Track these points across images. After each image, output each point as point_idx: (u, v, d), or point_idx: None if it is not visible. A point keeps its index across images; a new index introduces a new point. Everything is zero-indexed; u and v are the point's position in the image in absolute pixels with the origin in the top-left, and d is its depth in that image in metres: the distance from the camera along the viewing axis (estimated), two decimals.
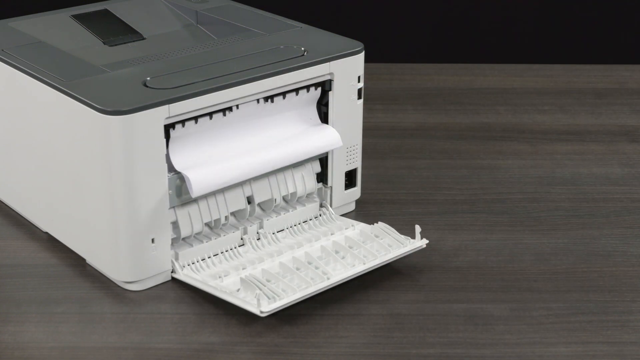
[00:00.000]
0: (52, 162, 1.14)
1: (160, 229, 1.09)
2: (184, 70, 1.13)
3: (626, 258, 1.18)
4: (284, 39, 1.24)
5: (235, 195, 1.16)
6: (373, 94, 1.62)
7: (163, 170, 1.08)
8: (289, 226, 1.20)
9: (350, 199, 1.27)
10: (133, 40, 1.30)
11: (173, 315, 1.07)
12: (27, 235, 1.22)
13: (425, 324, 1.05)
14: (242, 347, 1.02)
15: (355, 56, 1.20)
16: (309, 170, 1.22)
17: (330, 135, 1.19)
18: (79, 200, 1.11)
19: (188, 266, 1.12)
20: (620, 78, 1.74)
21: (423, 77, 1.74)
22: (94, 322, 1.06)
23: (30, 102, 1.15)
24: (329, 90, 1.20)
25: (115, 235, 1.08)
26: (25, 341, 1.03)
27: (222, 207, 1.15)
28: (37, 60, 1.16)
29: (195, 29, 1.36)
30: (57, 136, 1.12)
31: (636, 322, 1.05)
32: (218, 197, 1.14)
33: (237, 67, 1.13)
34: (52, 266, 1.16)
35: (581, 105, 1.63)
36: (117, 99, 1.05)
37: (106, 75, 1.12)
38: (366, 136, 1.29)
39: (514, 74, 1.76)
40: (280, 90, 1.15)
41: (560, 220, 1.26)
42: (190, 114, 1.08)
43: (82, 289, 1.12)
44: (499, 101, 1.63)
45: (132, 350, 1.02)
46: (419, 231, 1.14)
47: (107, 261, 1.11)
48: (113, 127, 1.03)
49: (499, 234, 1.23)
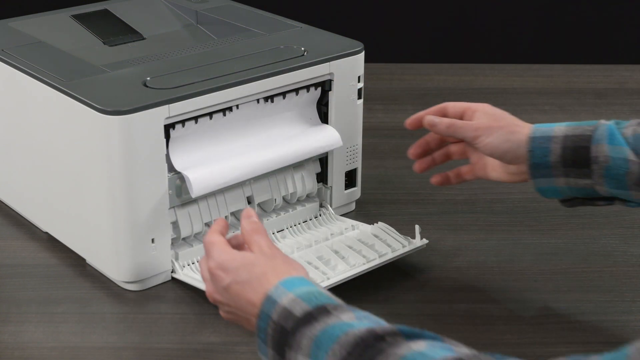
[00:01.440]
0: (52, 162, 1.14)
1: (160, 229, 1.09)
2: (184, 70, 1.13)
3: (626, 258, 1.18)
4: (284, 39, 1.24)
5: (235, 195, 1.16)
6: (373, 94, 1.62)
7: (163, 170, 1.08)
8: (289, 226, 1.20)
9: (350, 199, 1.27)
10: (133, 40, 1.30)
11: (173, 315, 1.07)
12: (27, 235, 1.22)
13: (425, 324, 1.05)
14: (242, 347, 1.02)
15: (355, 56, 1.20)
16: (309, 170, 1.22)
17: (330, 135, 1.19)
18: (79, 200, 1.11)
19: (188, 266, 1.12)
20: (620, 78, 1.74)
21: (423, 77, 1.74)
22: (94, 322, 1.06)
23: (30, 102, 1.15)
24: (329, 90, 1.20)
25: (115, 235, 1.08)
26: (25, 341, 1.03)
27: (222, 207, 1.15)
28: (37, 60, 1.16)
29: (195, 29, 1.36)
30: (57, 136, 1.11)
31: (636, 322, 1.05)
32: (218, 197, 1.14)
33: (237, 67, 1.13)
34: (52, 266, 1.16)
35: (581, 105, 1.63)
36: (117, 99, 1.05)
37: (106, 75, 1.12)
38: (366, 136, 1.29)
39: (514, 74, 1.76)
40: (280, 90, 1.15)
41: (560, 220, 1.26)
42: (190, 114, 1.08)
43: (82, 289, 1.12)
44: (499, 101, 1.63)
45: (132, 350, 1.02)
46: (419, 231, 1.14)
47: (107, 261, 1.11)
48: (113, 127, 1.03)
49: (499, 234, 1.23)
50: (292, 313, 0.79)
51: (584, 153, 1.00)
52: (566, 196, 1.05)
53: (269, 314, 0.81)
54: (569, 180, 1.01)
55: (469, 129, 1.06)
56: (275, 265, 0.87)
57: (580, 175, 1.01)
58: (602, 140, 0.99)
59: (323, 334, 0.75)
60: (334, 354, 0.74)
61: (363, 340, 0.73)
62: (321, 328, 0.76)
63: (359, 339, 0.73)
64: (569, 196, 1.04)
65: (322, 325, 0.76)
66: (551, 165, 1.01)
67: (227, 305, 0.89)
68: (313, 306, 0.78)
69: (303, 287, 0.81)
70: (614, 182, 1.00)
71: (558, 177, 1.02)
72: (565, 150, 1.01)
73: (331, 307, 0.78)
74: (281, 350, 0.79)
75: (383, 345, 0.73)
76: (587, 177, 1.00)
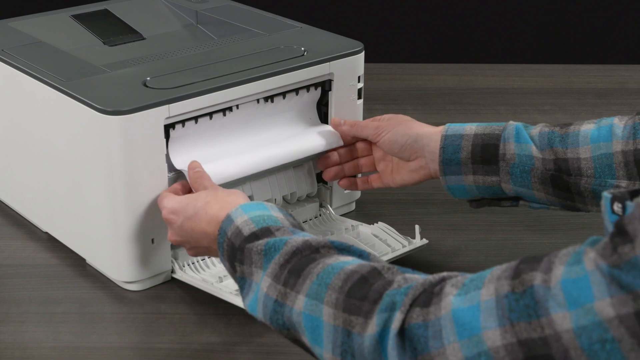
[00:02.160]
0: (52, 162, 1.14)
1: (160, 229, 1.09)
2: (184, 70, 1.13)
3: None
4: (284, 39, 1.24)
5: None
6: (373, 94, 1.62)
7: (163, 170, 1.08)
8: None
9: (350, 199, 1.27)
10: (133, 40, 1.30)
11: (173, 315, 1.07)
12: (27, 235, 1.22)
13: None
14: (242, 347, 1.02)
15: (355, 56, 1.20)
16: (309, 170, 1.22)
17: (330, 135, 1.19)
18: (79, 200, 1.11)
19: (188, 266, 1.12)
20: (620, 78, 1.74)
21: (423, 77, 1.74)
22: (94, 322, 1.06)
23: (30, 102, 1.15)
24: (329, 90, 1.20)
25: (115, 235, 1.08)
26: (25, 341, 1.03)
27: None
28: (37, 60, 1.16)
29: (195, 29, 1.36)
30: (57, 136, 1.11)
31: None
32: None
33: (237, 67, 1.13)
34: (52, 266, 1.16)
35: (581, 105, 1.63)
36: (117, 99, 1.05)
37: (106, 75, 1.12)
38: None
39: (514, 74, 1.76)
40: (280, 90, 1.15)
41: (560, 220, 1.26)
42: (190, 114, 1.08)
43: (82, 289, 1.12)
44: (499, 101, 1.63)
45: (132, 350, 1.02)
46: (419, 231, 1.14)
47: (107, 261, 1.11)
48: (113, 127, 1.03)
49: (499, 234, 1.23)
50: (241, 232, 0.89)
51: (492, 150, 1.06)
52: (474, 196, 1.10)
53: (225, 231, 0.91)
54: (477, 178, 1.07)
55: (371, 127, 1.15)
56: (217, 194, 0.99)
57: (488, 172, 1.06)
58: (510, 139, 1.05)
59: (267, 247, 0.86)
60: (276, 262, 0.84)
61: (300, 251, 0.84)
62: (263, 243, 0.86)
63: (296, 249, 0.84)
64: (477, 196, 1.10)
65: (264, 241, 0.86)
66: (461, 162, 1.07)
67: (187, 242, 1.01)
68: (259, 227, 0.89)
69: (258, 211, 0.91)
70: (520, 180, 1.05)
71: (467, 174, 1.07)
72: (474, 147, 1.07)
73: (274, 228, 0.89)
74: (232, 264, 0.89)
75: (316, 256, 0.83)
76: (495, 174, 1.06)
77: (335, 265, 0.81)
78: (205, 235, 0.97)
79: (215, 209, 0.96)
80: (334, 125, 1.18)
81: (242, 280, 0.88)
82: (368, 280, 0.78)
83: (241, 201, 0.96)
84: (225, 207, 0.95)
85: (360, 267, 0.80)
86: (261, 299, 0.84)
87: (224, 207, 0.95)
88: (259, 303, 0.85)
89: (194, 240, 0.99)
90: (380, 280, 0.77)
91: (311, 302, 0.80)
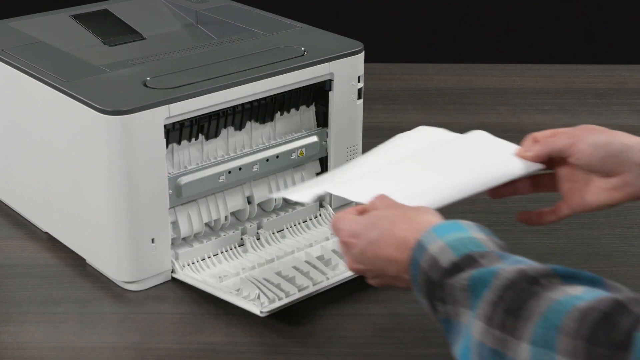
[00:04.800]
0: (52, 162, 1.14)
1: (160, 229, 1.09)
2: (184, 70, 1.13)
3: (626, 258, 1.18)
4: (284, 39, 1.23)
5: (235, 195, 1.16)
6: (373, 94, 1.62)
7: (163, 170, 1.08)
8: (289, 226, 1.20)
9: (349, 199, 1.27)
10: (133, 40, 1.30)
11: (173, 315, 1.07)
12: (27, 235, 1.22)
13: (425, 324, 1.05)
14: (242, 347, 1.01)
15: (355, 56, 1.20)
16: (309, 170, 1.22)
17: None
18: (79, 200, 1.11)
19: (188, 266, 1.12)
20: (620, 78, 1.74)
21: (423, 77, 1.74)
22: (94, 322, 1.06)
23: (30, 102, 1.15)
24: (329, 90, 1.20)
25: (115, 235, 1.08)
26: (25, 341, 1.03)
27: (222, 207, 1.15)
28: (37, 60, 1.16)
29: (195, 29, 1.36)
30: (57, 136, 1.11)
31: None
32: (218, 197, 1.14)
33: (237, 67, 1.13)
34: (52, 266, 1.16)
35: (581, 105, 1.63)
36: (117, 99, 1.05)
37: (106, 75, 1.12)
38: (366, 136, 1.28)
39: (514, 74, 1.76)
40: (280, 90, 1.15)
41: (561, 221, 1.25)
42: (190, 114, 1.08)
43: (82, 289, 1.12)
44: (499, 101, 1.63)
45: (132, 350, 1.02)
46: None
47: (107, 261, 1.11)
48: (113, 127, 1.03)
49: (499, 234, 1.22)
50: (438, 263, 0.76)
51: None
52: None
53: (418, 261, 0.77)
54: None
55: (564, 137, 0.95)
56: (404, 212, 0.84)
57: None
58: None
59: (472, 281, 0.72)
60: (486, 300, 0.70)
61: (514, 283, 0.70)
62: (468, 276, 0.72)
63: (509, 282, 0.70)
64: None
65: (468, 274, 0.73)
66: None
67: (369, 270, 0.87)
68: (459, 255, 0.75)
69: (454, 233, 0.77)
70: None
71: None
72: None
73: (478, 255, 0.75)
74: (432, 303, 0.76)
75: (537, 289, 0.69)
76: None
77: (564, 301, 0.67)
78: (392, 262, 0.83)
79: (404, 231, 0.82)
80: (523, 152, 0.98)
81: (447, 323, 0.75)
82: (611, 318, 0.64)
83: (434, 220, 0.82)
84: (415, 229, 0.81)
85: (597, 301, 0.66)
86: (474, 348, 0.71)
87: (413, 229, 0.81)
88: (472, 354, 0.71)
89: (378, 269, 0.85)
90: (626, 316, 0.64)
91: (539, 351, 0.66)
